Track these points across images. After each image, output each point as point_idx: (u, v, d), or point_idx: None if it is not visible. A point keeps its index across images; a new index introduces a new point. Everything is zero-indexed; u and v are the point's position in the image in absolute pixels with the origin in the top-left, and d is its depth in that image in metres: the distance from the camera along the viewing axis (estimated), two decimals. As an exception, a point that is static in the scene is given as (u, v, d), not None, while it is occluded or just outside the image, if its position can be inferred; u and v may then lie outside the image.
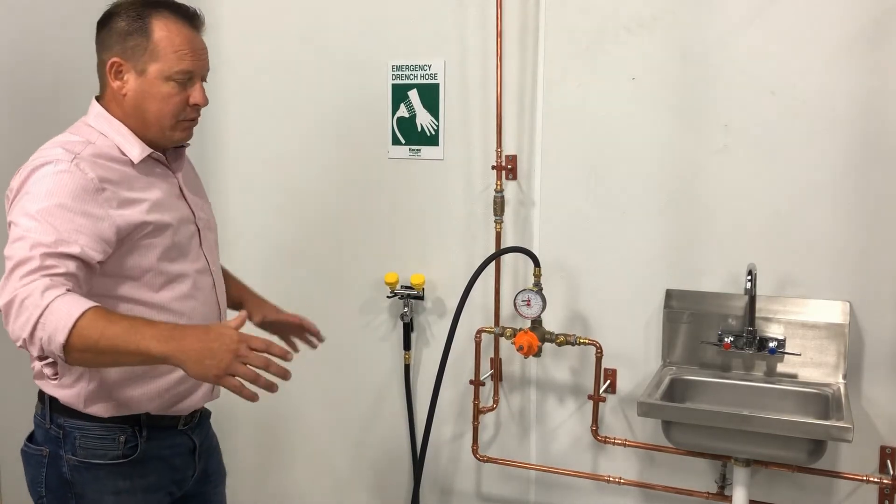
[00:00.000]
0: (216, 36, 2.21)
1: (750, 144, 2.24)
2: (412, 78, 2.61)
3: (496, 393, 2.60)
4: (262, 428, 2.92)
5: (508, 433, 2.62)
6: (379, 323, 2.76)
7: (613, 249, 2.41)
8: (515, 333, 2.34)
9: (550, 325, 2.42)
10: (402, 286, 2.63)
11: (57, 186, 1.49)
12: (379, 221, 2.70)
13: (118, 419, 1.64)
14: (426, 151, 2.61)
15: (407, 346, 2.69)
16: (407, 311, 2.64)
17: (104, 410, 1.62)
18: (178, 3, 1.67)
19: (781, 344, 2.21)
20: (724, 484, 2.30)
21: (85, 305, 1.40)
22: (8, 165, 1.73)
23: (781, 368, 2.24)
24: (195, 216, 1.74)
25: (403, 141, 2.64)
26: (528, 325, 2.35)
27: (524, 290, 2.31)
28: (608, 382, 2.44)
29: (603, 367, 2.37)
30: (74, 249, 1.46)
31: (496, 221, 2.49)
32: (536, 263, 2.33)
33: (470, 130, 2.55)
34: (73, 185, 1.50)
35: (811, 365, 2.20)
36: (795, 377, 2.22)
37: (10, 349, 1.76)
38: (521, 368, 2.58)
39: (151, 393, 1.65)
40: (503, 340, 2.48)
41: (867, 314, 2.18)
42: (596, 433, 2.41)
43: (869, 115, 2.13)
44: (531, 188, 2.49)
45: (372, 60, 2.65)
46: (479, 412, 2.55)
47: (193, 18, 1.67)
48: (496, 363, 2.58)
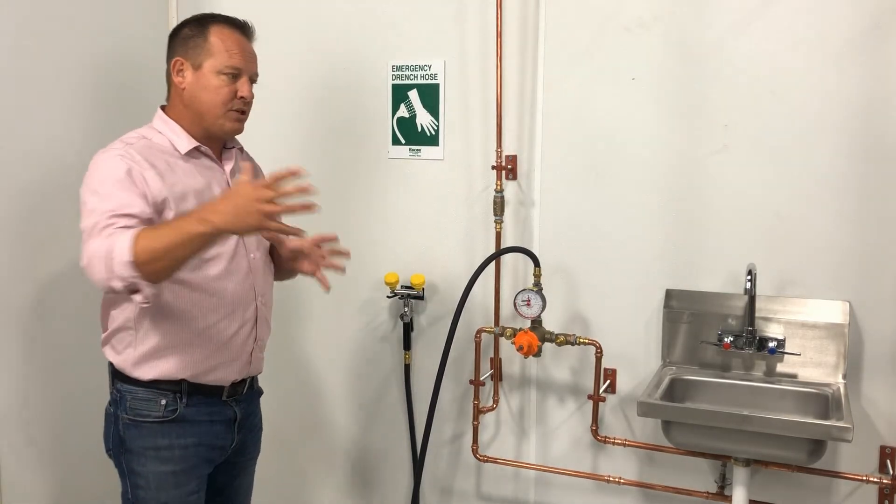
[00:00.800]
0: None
1: (750, 144, 2.25)
2: (412, 78, 2.61)
3: (496, 393, 2.60)
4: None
5: (508, 433, 2.62)
6: (379, 323, 2.76)
7: (613, 249, 2.41)
8: (515, 333, 2.34)
9: (550, 325, 2.42)
10: (402, 286, 2.63)
11: (111, 168, 1.79)
12: (379, 221, 2.71)
13: (162, 384, 1.88)
14: (426, 151, 2.62)
15: (407, 346, 2.69)
16: (407, 311, 2.64)
17: (148, 373, 1.87)
18: (232, 17, 1.99)
19: (781, 344, 2.21)
20: (723, 484, 2.30)
21: (136, 229, 1.68)
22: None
23: (781, 368, 2.24)
24: None
25: (403, 141, 2.65)
26: (528, 325, 2.35)
27: (524, 290, 2.31)
28: (608, 382, 2.44)
29: (603, 366, 2.38)
30: (133, 210, 1.74)
31: (496, 221, 2.49)
32: (536, 263, 2.33)
33: (470, 130, 2.55)
34: (124, 166, 1.79)
35: (811, 365, 2.20)
36: (795, 377, 2.22)
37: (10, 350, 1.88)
38: (521, 368, 2.58)
39: (189, 361, 1.88)
40: (503, 340, 2.48)
41: (867, 314, 2.18)
42: (596, 433, 2.41)
43: (869, 114, 2.13)
44: (531, 188, 2.50)
45: (372, 60, 2.66)
46: (479, 412, 2.55)
47: (245, 27, 1.99)
48: (496, 363, 2.58)
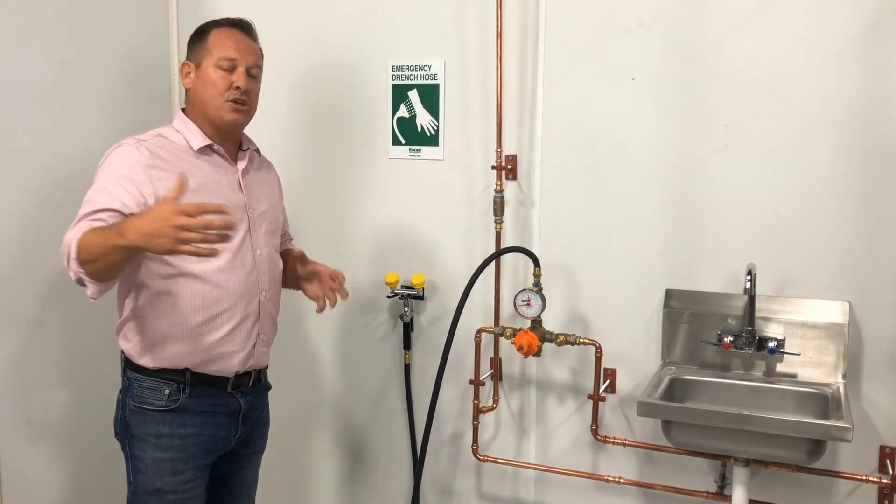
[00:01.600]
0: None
1: (750, 144, 2.25)
2: (412, 78, 2.61)
3: (496, 393, 2.60)
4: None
5: (508, 433, 2.62)
6: (379, 323, 2.76)
7: (613, 249, 2.41)
8: (515, 333, 2.34)
9: (550, 324, 2.42)
10: (402, 286, 2.63)
11: (117, 160, 1.88)
12: (379, 221, 2.71)
13: (167, 374, 1.95)
14: (426, 151, 2.62)
15: (407, 346, 2.69)
16: (407, 311, 2.64)
17: (151, 362, 1.95)
18: (233, 17, 2.06)
19: (781, 344, 2.21)
20: (723, 484, 2.30)
21: (87, 228, 1.74)
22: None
23: (781, 368, 2.24)
24: (247, 205, 2.04)
25: (403, 141, 2.65)
26: (528, 324, 2.35)
27: (524, 290, 2.31)
28: (608, 382, 2.44)
29: (603, 366, 2.38)
30: (113, 203, 1.80)
31: (496, 221, 2.49)
32: (536, 263, 2.33)
33: (470, 131, 2.55)
34: (130, 159, 1.87)
35: (811, 365, 2.20)
36: (795, 377, 2.22)
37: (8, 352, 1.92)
38: (521, 368, 2.58)
39: (190, 350, 1.95)
40: (503, 340, 2.48)
41: (867, 314, 2.18)
42: (596, 433, 2.41)
43: (869, 114, 2.13)
44: (531, 188, 2.50)
45: (372, 60, 2.66)
46: (479, 412, 2.55)
47: (242, 25, 2.06)
48: (496, 363, 2.58)
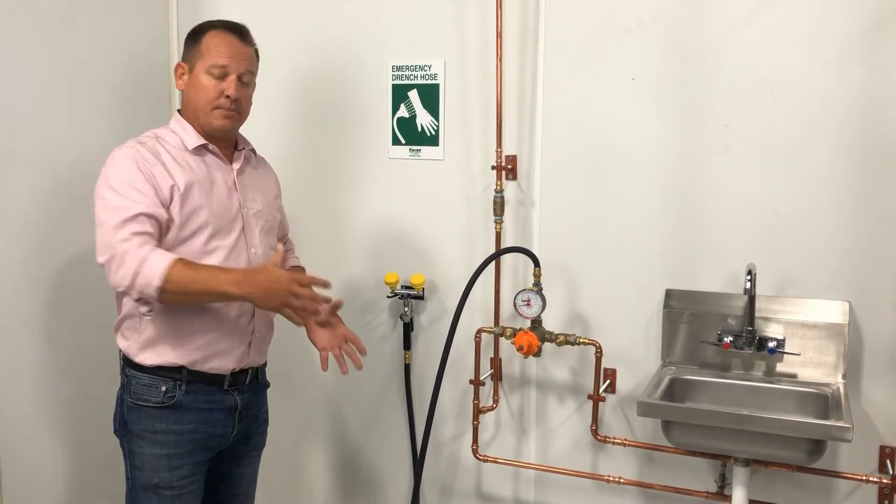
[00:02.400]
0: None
1: (750, 144, 2.25)
2: (412, 78, 2.61)
3: (496, 393, 2.60)
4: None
5: (508, 433, 2.62)
6: (379, 323, 2.76)
7: (613, 249, 2.41)
8: (515, 333, 2.34)
9: (550, 324, 2.42)
10: (402, 286, 2.63)
11: (125, 164, 1.91)
12: (379, 221, 2.71)
13: (164, 371, 1.97)
14: (426, 151, 2.62)
15: (407, 346, 2.69)
16: (407, 311, 2.65)
17: (149, 359, 1.97)
18: (230, 20, 2.08)
19: (781, 344, 2.21)
20: (723, 484, 2.30)
21: (172, 257, 1.84)
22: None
23: (781, 368, 2.24)
24: (242, 205, 2.06)
25: (403, 141, 2.65)
26: (528, 325, 2.35)
27: (524, 290, 2.31)
28: (608, 382, 2.44)
29: (603, 366, 2.38)
30: (145, 208, 1.86)
31: (496, 221, 2.49)
32: (536, 263, 2.33)
33: (470, 130, 2.55)
34: (135, 161, 1.91)
35: (811, 365, 2.20)
36: (795, 377, 2.22)
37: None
38: (521, 368, 2.58)
39: (187, 349, 1.97)
40: (503, 340, 2.48)
41: (867, 314, 2.18)
42: (596, 433, 2.41)
43: (869, 114, 2.13)
44: (531, 188, 2.50)
45: (372, 60, 2.66)
46: (479, 412, 2.55)
47: (235, 29, 2.06)
48: (496, 363, 2.58)
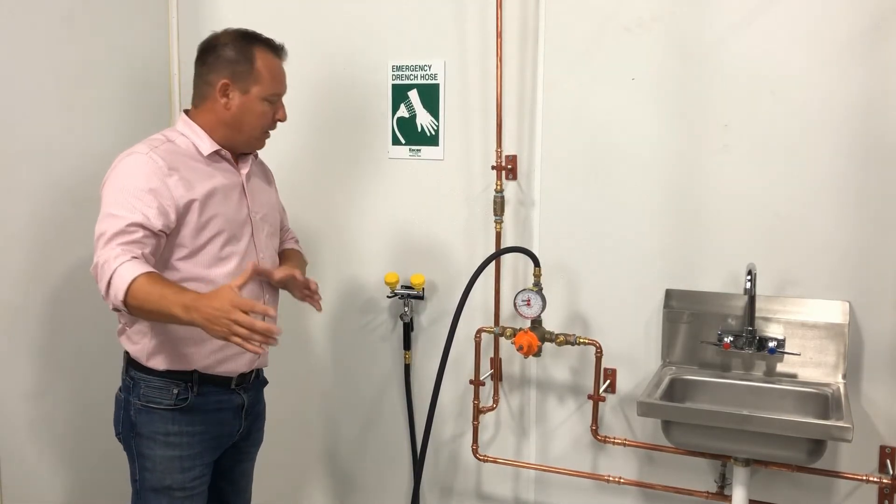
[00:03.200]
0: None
1: (750, 144, 2.25)
2: (412, 78, 2.61)
3: (496, 393, 2.60)
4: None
5: (508, 433, 2.62)
6: (379, 323, 2.76)
7: (613, 249, 2.41)
8: (515, 333, 2.34)
9: (550, 324, 2.42)
10: (402, 286, 2.63)
11: (134, 171, 1.88)
12: (379, 221, 2.71)
13: (175, 374, 1.97)
14: (426, 151, 2.62)
15: (407, 346, 2.69)
16: (407, 311, 2.64)
17: (161, 364, 1.97)
18: (268, 38, 2.05)
19: (781, 344, 2.21)
20: (723, 484, 2.30)
21: (139, 271, 1.77)
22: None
23: (781, 368, 2.24)
24: (250, 210, 2.06)
25: (403, 141, 2.65)
26: (528, 324, 2.35)
27: (524, 290, 2.31)
28: (608, 382, 2.44)
29: (603, 366, 2.38)
30: (139, 218, 1.82)
31: (496, 221, 2.49)
32: (536, 263, 2.33)
33: (470, 130, 2.55)
34: (146, 169, 1.87)
35: (811, 365, 2.20)
36: (795, 377, 2.22)
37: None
38: (521, 368, 2.58)
39: (201, 353, 1.97)
40: (503, 340, 2.48)
41: (867, 314, 2.18)
42: (596, 433, 2.41)
43: (869, 114, 2.13)
44: (531, 188, 2.50)
45: (372, 60, 2.66)
46: (479, 412, 2.55)
47: (281, 51, 2.06)
48: (496, 363, 2.58)
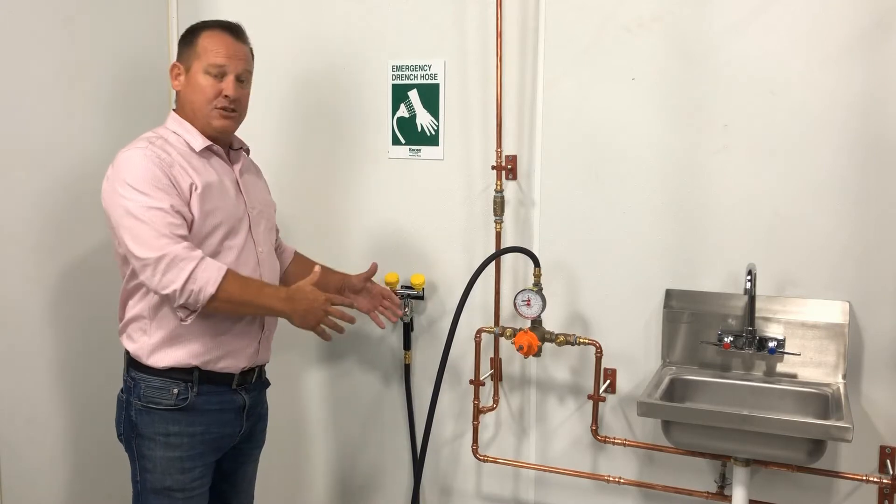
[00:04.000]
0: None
1: (750, 144, 2.25)
2: (412, 78, 2.61)
3: (496, 393, 2.60)
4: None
5: (508, 433, 2.62)
6: (379, 323, 2.76)
7: (613, 249, 2.41)
8: (515, 333, 2.34)
9: (550, 324, 2.42)
10: (402, 286, 2.63)
11: (143, 164, 1.91)
12: (379, 221, 2.71)
13: (175, 374, 1.98)
14: (426, 151, 2.62)
15: (407, 346, 2.69)
16: (407, 311, 2.64)
17: (161, 361, 1.97)
18: (224, 20, 2.08)
19: (781, 344, 2.21)
20: (723, 484, 2.30)
21: (224, 267, 1.89)
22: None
23: (781, 368, 2.24)
24: (247, 205, 2.08)
25: (403, 141, 2.65)
26: (528, 325, 2.35)
27: (524, 290, 2.31)
28: (608, 382, 2.44)
29: (603, 366, 2.38)
30: (179, 206, 1.89)
31: (496, 221, 2.49)
32: (536, 263, 2.33)
33: (470, 130, 2.55)
34: (152, 162, 1.91)
35: (811, 365, 2.20)
36: (795, 377, 2.22)
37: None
38: (521, 368, 2.58)
39: (196, 349, 1.98)
40: (503, 340, 2.48)
41: (867, 314, 2.18)
42: (596, 433, 2.41)
43: (869, 114, 2.13)
44: (531, 188, 2.50)
45: (372, 60, 2.66)
46: (479, 412, 2.55)
47: (233, 28, 2.07)
48: (496, 363, 2.58)
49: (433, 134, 2.60)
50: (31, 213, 2.37)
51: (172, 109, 2.08)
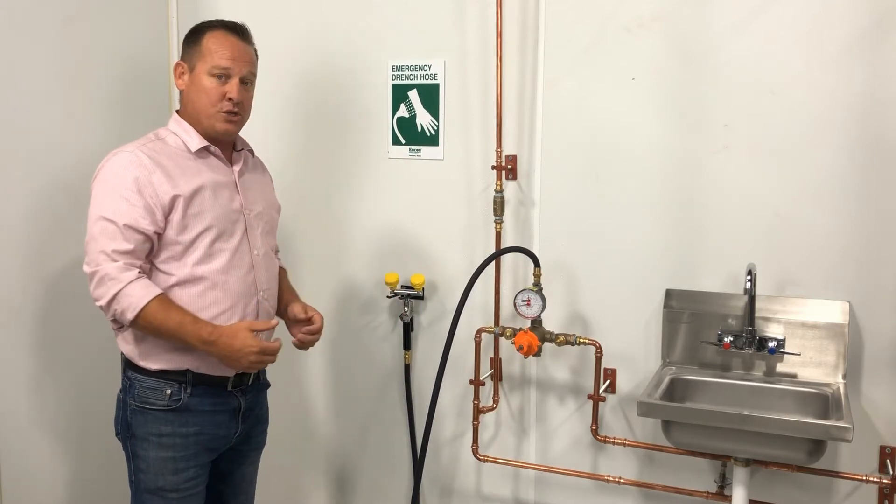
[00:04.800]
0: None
1: (750, 144, 2.25)
2: (412, 78, 2.61)
3: (496, 393, 2.60)
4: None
5: (508, 433, 2.62)
6: (379, 323, 2.76)
7: (613, 249, 2.41)
8: (515, 333, 2.34)
9: (550, 324, 2.42)
10: (402, 286, 2.63)
11: (119, 169, 1.91)
12: (379, 221, 2.71)
13: (169, 374, 1.98)
14: (426, 151, 2.62)
15: (407, 346, 2.69)
16: (407, 311, 2.64)
17: (154, 364, 1.97)
18: (230, 20, 2.06)
19: (781, 344, 2.21)
20: (723, 484, 2.30)
21: (152, 294, 1.87)
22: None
23: (781, 368, 2.24)
24: (244, 206, 2.05)
25: (403, 141, 2.65)
26: (528, 324, 2.35)
27: (524, 289, 2.31)
28: (608, 382, 2.44)
29: (603, 366, 2.38)
30: (129, 220, 1.87)
31: (496, 221, 2.49)
32: (536, 263, 2.33)
33: (470, 130, 2.55)
34: (131, 167, 1.90)
35: (811, 365, 2.20)
36: (795, 377, 2.22)
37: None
38: (521, 368, 2.58)
39: (188, 353, 1.97)
40: (503, 340, 2.48)
41: (867, 314, 2.18)
42: (596, 433, 2.41)
43: (869, 115, 2.13)
44: (531, 188, 2.50)
45: (372, 60, 2.66)
46: (479, 412, 2.55)
47: (238, 29, 2.05)
48: (496, 363, 2.58)
49: (433, 134, 2.60)
50: (30, 212, 2.38)
51: (176, 111, 2.08)
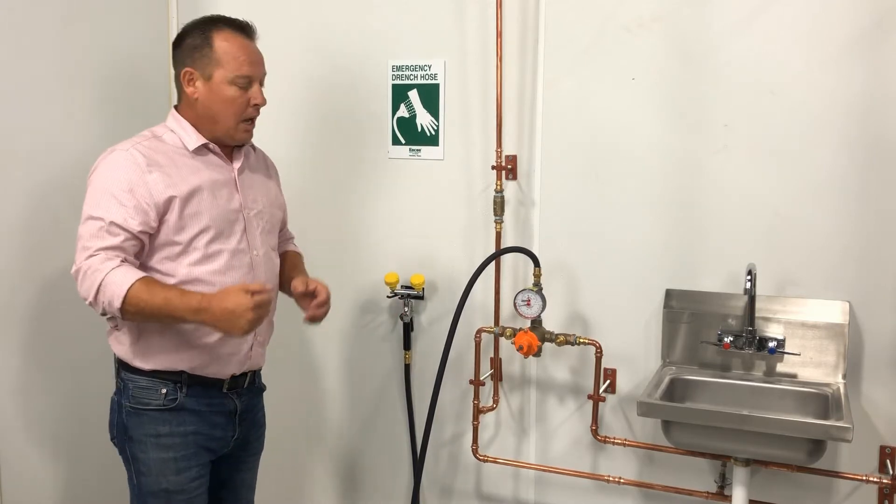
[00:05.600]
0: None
1: (750, 144, 2.25)
2: (412, 78, 2.61)
3: (496, 393, 2.60)
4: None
5: (508, 433, 2.62)
6: (379, 323, 2.76)
7: (613, 249, 2.41)
8: (515, 333, 2.34)
9: (550, 324, 2.42)
10: (402, 286, 2.63)
11: (113, 168, 1.86)
12: (379, 221, 2.71)
13: (163, 375, 1.94)
14: (426, 151, 2.62)
15: (407, 346, 2.69)
16: (407, 311, 2.64)
17: (148, 364, 1.94)
18: (232, 17, 1.99)
19: (781, 344, 2.21)
20: (723, 484, 2.30)
21: (134, 277, 1.78)
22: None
23: (781, 368, 2.24)
24: (243, 205, 2.01)
25: (403, 141, 2.65)
26: (528, 324, 2.35)
27: (524, 289, 2.31)
28: (608, 382, 2.44)
29: (603, 366, 2.38)
30: (118, 219, 1.82)
31: (496, 221, 2.49)
32: (536, 263, 2.33)
33: (470, 130, 2.55)
34: (125, 166, 1.85)
35: (811, 365, 2.20)
36: (795, 377, 2.22)
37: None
38: (521, 368, 2.58)
39: (188, 355, 1.94)
40: (503, 340, 2.48)
41: (867, 314, 2.18)
42: (596, 433, 2.41)
43: (869, 114, 2.13)
44: (531, 188, 2.50)
45: (372, 60, 2.66)
46: (479, 412, 2.55)
47: (247, 29, 2.00)
48: (496, 363, 2.58)
49: (433, 134, 2.60)
50: (29, 212, 2.37)
51: (174, 107, 2.04)
